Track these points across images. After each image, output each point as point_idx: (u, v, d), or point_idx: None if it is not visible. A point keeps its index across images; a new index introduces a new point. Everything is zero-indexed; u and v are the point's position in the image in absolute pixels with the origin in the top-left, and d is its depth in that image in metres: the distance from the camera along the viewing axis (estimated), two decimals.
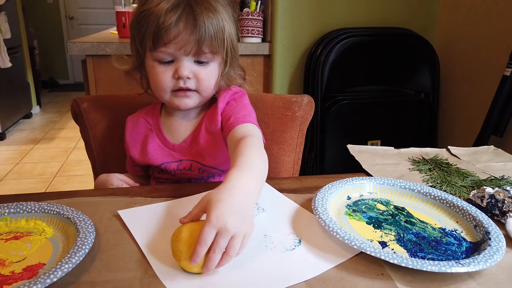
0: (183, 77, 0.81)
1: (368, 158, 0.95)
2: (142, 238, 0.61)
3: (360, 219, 0.68)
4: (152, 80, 0.85)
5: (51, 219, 0.65)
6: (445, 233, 0.65)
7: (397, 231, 0.65)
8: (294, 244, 0.61)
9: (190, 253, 0.52)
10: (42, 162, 3.34)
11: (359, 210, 0.71)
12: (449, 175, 0.85)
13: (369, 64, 1.81)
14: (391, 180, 0.79)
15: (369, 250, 0.56)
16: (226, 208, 0.54)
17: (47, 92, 5.90)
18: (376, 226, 0.67)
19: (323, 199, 0.70)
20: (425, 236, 0.64)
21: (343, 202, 0.74)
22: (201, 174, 0.91)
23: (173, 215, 0.69)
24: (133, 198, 0.75)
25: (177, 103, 0.85)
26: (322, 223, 0.63)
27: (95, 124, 1.00)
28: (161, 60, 0.81)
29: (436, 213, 0.72)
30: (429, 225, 0.67)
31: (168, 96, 0.85)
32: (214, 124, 0.88)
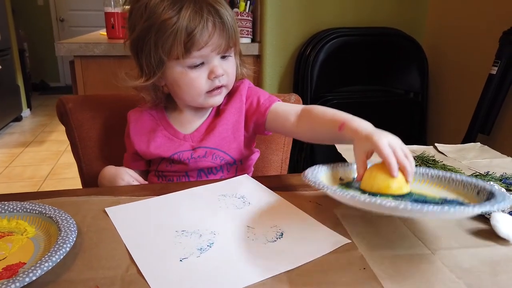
0: (220, 76, 0.82)
1: (352, 154, 0.95)
2: (128, 235, 0.61)
3: (355, 191, 0.65)
4: (184, 87, 0.84)
5: (33, 218, 0.65)
6: (447, 201, 0.64)
7: (395, 198, 0.62)
8: (276, 236, 0.61)
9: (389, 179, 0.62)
10: (32, 165, 3.31)
11: (352, 188, 0.69)
12: None
13: (358, 64, 1.82)
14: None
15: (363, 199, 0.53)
16: (379, 134, 0.66)
17: (38, 95, 5.85)
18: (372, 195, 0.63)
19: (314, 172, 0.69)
20: (425, 199, 0.63)
21: (335, 182, 0.72)
22: (214, 160, 0.90)
23: (161, 210, 0.69)
24: (118, 197, 0.74)
25: (212, 102, 0.86)
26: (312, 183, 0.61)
27: (80, 124, 0.99)
28: (193, 65, 0.81)
29: (435, 189, 0.69)
30: (429, 196, 0.65)
31: (203, 98, 0.85)
32: (237, 109, 0.90)
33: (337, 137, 0.77)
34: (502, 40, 1.50)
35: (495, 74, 1.48)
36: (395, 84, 1.88)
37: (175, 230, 0.62)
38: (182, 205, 0.71)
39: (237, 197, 0.74)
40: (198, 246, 0.58)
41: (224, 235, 0.61)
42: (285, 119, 0.87)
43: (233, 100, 0.91)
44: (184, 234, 0.61)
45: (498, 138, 1.58)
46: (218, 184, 0.80)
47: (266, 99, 0.91)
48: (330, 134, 0.79)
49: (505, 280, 0.52)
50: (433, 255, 0.57)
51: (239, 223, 0.65)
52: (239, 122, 0.91)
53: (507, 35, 1.48)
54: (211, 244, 0.59)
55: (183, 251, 0.57)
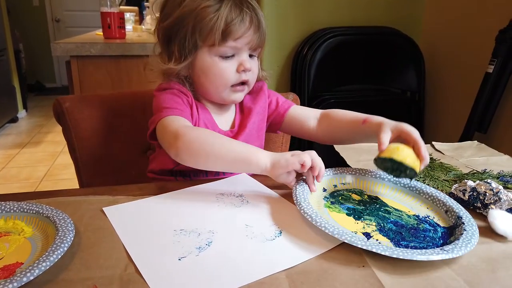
0: (248, 70, 0.84)
1: (354, 154, 0.95)
2: (126, 234, 0.61)
3: (340, 211, 0.69)
4: (212, 77, 0.85)
5: (30, 218, 0.64)
6: (420, 219, 0.68)
7: (377, 221, 0.67)
8: (274, 234, 0.61)
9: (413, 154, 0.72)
10: (28, 167, 3.29)
11: (336, 201, 0.73)
12: (432, 170, 0.85)
13: (355, 63, 1.82)
14: (363, 171, 0.80)
15: (360, 243, 0.56)
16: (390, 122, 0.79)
17: (34, 96, 5.82)
18: (357, 217, 0.68)
19: (304, 192, 0.70)
20: (403, 224, 0.66)
21: (320, 194, 0.75)
22: None
23: (160, 210, 0.69)
24: (115, 197, 0.74)
25: (233, 98, 0.88)
26: (309, 218, 0.62)
27: (78, 124, 0.99)
28: (224, 54, 0.83)
29: (408, 201, 0.74)
30: (404, 213, 0.70)
31: (227, 91, 0.86)
32: (263, 108, 0.94)
33: (360, 132, 0.86)
34: (498, 39, 1.51)
35: (491, 73, 1.49)
36: (392, 83, 1.88)
37: (173, 229, 0.62)
38: (180, 205, 0.71)
39: (235, 196, 0.73)
40: (196, 245, 0.58)
41: (222, 233, 0.61)
42: (303, 123, 0.94)
43: (259, 100, 0.95)
44: (183, 233, 0.61)
45: (495, 136, 1.59)
46: (216, 183, 0.80)
47: (284, 101, 0.97)
48: (352, 131, 0.88)
49: (504, 277, 0.53)
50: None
51: (237, 222, 0.65)
52: (263, 121, 0.95)
53: (503, 33, 1.49)
54: (209, 243, 0.59)
55: (181, 250, 0.57)
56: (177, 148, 0.74)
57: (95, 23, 5.60)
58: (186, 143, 0.73)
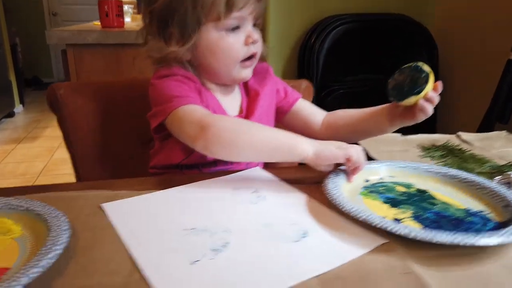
0: (257, 41, 0.79)
1: (374, 145, 0.88)
2: (128, 234, 0.53)
3: (376, 199, 0.63)
4: (220, 54, 0.78)
5: (19, 216, 0.56)
6: (470, 213, 0.59)
7: (415, 210, 0.59)
8: (298, 235, 0.53)
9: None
10: (25, 162, 3.22)
11: (376, 191, 0.66)
12: (465, 161, 0.78)
13: (364, 52, 1.74)
14: (414, 164, 0.72)
15: (374, 222, 0.51)
16: None
17: (31, 90, 5.73)
18: (393, 205, 0.61)
19: (337, 177, 0.65)
20: (446, 215, 0.58)
21: (359, 184, 0.68)
22: None
23: (166, 206, 0.61)
24: (116, 191, 0.66)
25: (243, 75, 0.82)
26: (329, 196, 0.59)
27: (73, 112, 0.91)
28: (229, 27, 0.76)
29: (463, 196, 0.65)
30: (453, 206, 0.61)
31: (237, 68, 0.80)
32: (270, 91, 0.89)
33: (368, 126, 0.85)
34: None
35: None
36: None
37: (182, 228, 0.54)
38: (189, 200, 0.63)
39: (250, 192, 0.66)
40: (211, 247, 0.50)
41: (239, 233, 0.53)
42: (308, 118, 0.90)
43: (266, 83, 0.88)
44: (194, 232, 0.53)
45: None
46: (228, 177, 0.72)
47: (292, 91, 0.92)
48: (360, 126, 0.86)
49: None
50: (484, 253, 0.50)
51: (254, 220, 0.57)
52: (271, 105, 0.89)
53: None
54: (226, 244, 0.51)
55: (193, 252, 0.49)
56: (206, 140, 0.67)
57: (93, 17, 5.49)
58: (216, 134, 0.67)
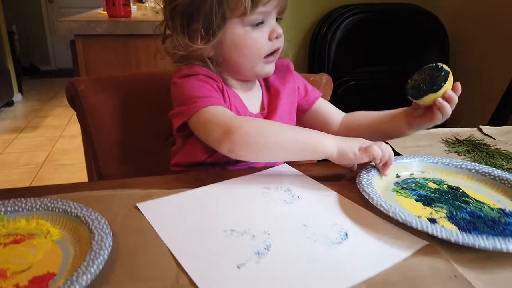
0: (281, 35, 0.78)
1: (398, 140, 0.87)
2: (169, 236, 0.53)
3: (409, 196, 0.63)
4: (244, 50, 0.77)
5: (56, 217, 0.56)
6: (505, 213, 0.59)
7: (449, 209, 0.60)
8: (340, 236, 0.53)
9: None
10: (27, 152, 3.19)
11: (408, 187, 0.66)
12: (492, 157, 0.78)
13: (376, 43, 1.73)
14: (445, 159, 0.72)
15: (414, 223, 0.51)
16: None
17: (29, 79, 5.67)
18: (426, 203, 0.61)
19: (369, 175, 0.66)
20: (481, 215, 0.58)
21: (391, 179, 0.69)
22: None
23: (202, 206, 0.61)
24: (147, 190, 0.66)
25: (267, 70, 0.81)
26: (366, 195, 0.59)
27: (94, 108, 0.90)
28: (254, 22, 0.75)
29: (496, 194, 0.65)
30: (487, 205, 0.61)
31: (261, 63, 0.79)
32: (292, 89, 0.88)
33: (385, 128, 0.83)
34: None
35: None
36: (414, 64, 1.79)
37: (223, 229, 0.54)
38: (223, 200, 0.63)
39: (283, 190, 0.65)
40: (254, 249, 0.50)
41: (280, 235, 0.53)
42: (328, 118, 0.90)
43: (287, 80, 0.88)
44: (235, 234, 0.53)
45: None
46: (257, 174, 0.71)
47: (313, 89, 0.92)
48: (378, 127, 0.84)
49: None
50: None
51: (293, 221, 0.57)
52: (293, 103, 0.89)
53: None
54: (268, 246, 0.51)
55: (238, 255, 0.49)
56: (232, 143, 0.67)
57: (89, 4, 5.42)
58: (242, 137, 0.67)
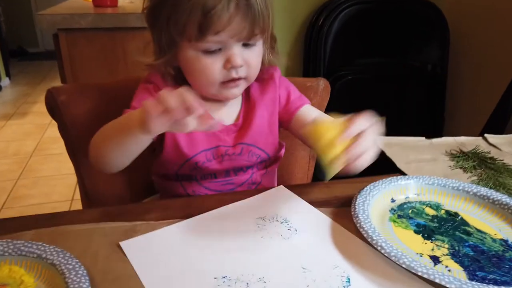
0: (238, 66, 0.68)
1: (401, 153, 0.83)
2: (155, 285, 0.48)
3: (407, 227, 0.60)
4: (196, 73, 0.71)
5: (31, 264, 0.51)
6: (508, 246, 0.57)
7: (451, 243, 0.57)
8: (342, 283, 0.49)
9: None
10: (16, 141, 3.12)
11: (405, 215, 0.63)
12: (500, 175, 0.73)
13: (374, 35, 1.66)
14: (442, 180, 0.69)
15: (420, 270, 0.48)
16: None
17: (16, 61, 5.52)
18: (426, 236, 0.58)
19: (364, 204, 0.61)
20: (484, 250, 0.55)
21: (386, 205, 0.65)
22: (250, 159, 0.79)
23: (191, 245, 0.56)
24: (132, 223, 0.61)
25: (226, 95, 0.74)
26: (364, 233, 0.55)
27: (76, 120, 0.83)
28: (208, 50, 0.67)
29: (496, 221, 0.62)
30: (488, 236, 0.59)
31: (216, 89, 0.72)
32: (272, 100, 0.80)
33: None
34: None
35: None
36: (413, 56, 1.73)
37: (213, 276, 0.50)
38: (214, 236, 0.58)
39: (279, 221, 0.61)
40: None
41: (276, 282, 0.49)
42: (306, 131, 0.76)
43: (268, 90, 0.80)
44: (227, 283, 0.49)
45: None
46: (251, 200, 0.67)
47: (297, 97, 0.82)
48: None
49: None
50: None
51: (290, 264, 0.52)
52: (274, 114, 0.81)
53: None
54: None
55: None
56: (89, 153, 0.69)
57: None
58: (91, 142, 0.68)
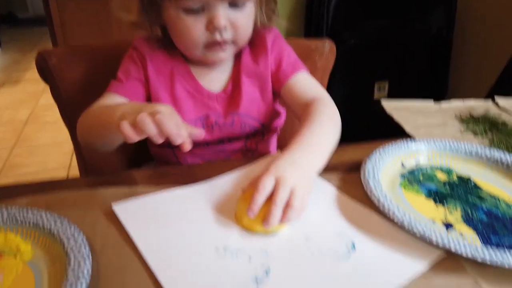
0: (220, 28, 0.63)
1: (409, 117, 0.80)
2: (155, 256, 0.46)
3: (418, 192, 0.58)
4: (178, 34, 0.67)
5: (28, 231, 0.49)
6: None
7: (464, 208, 0.55)
8: (347, 249, 0.47)
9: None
10: (9, 109, 3.07)
11: (415, 180, 0.60)
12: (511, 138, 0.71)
13: None
14: (453, 144, 0.66)
15: (435, 238, 0.46)
16: (286, 160, 0.53)
17: (7, 28, 5.36)
18: (438, 200, 0.56)
19: (374, 169, 0.59)
20: (499, 215, 0.53)
21: (397, 170, 0.62)
22: (243, 129, 0.75)
23: (190, 210, 0.54)
24: (131, 187, 0.58)
25: (212, 58, 0.69)
26: (376, 200, 0.53)
27: (69, 84, 0.80)
28: (189, 9, 0.62)
29: (509, 184, 0.60)
30: (502, 201, 0.56)
31: (200, 51, 0.67)
32: (263, 66, 0.73)
33: None
34: None
35: None
36: (418, 19, 1.67)
37: (214, 245, 0.47)
38: (214, 203, 0.55)
39: None
40: (251, 275, 0.43)
41: (279, 254, 0.46)
42: (296, 101, 0.72)
43: (261, 55, 0.74)
44: (228, 253, 0.46)
45: None
46: (252, 169, 0.63)
47: (289, 63, 0.74)
48: None
49: None
50: None
51: (293, 233, 0.50)
52: (266, 81, 0.75)
53: None
54: (267, 270, 0.44)
55: (234, 283, 0.42)
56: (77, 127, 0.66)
57: None
58: (80, 119, 0.65)
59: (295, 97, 0.72)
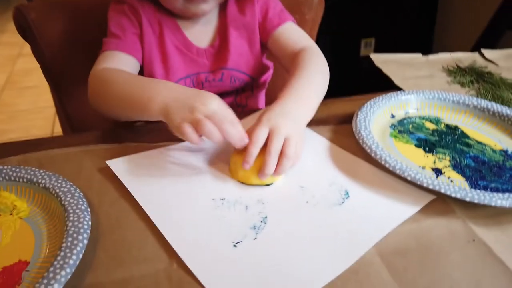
0: None
1: (396, 70, 0.80)
2: (153, 208, 0.46)
3: (408, 142, 0.59)
4: None
5: (23, 188, 0.48)
6: (508, 155, 0.57)
7: (452, 155, 0.56)
8: (341, 196, 0.49)
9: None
10: None
11: (405, 130, 0.62)
12: (496, 88, 0.72)
13: None
14: (441, 94, 0.67)
15: (426, 182, 0.48)
16: (278, 111, 0.53)
17: None
18: (427, 149, 0.58)
19: (365, 120, 0.60)
20: (485, 160, 0.56)
21: (386, 121, 0.64)
22: (233, 84, 0.74)
23: (185, 164, 0.54)
24: (123, 144, 0.58)
25: (194, 11, 0.66)
26: (367, 149, 0.54)
27: (51, 41, 0.76)
28: None
29: (495, 132, 0.62)
30: (488, 147, 0.59)
31: (181, 3, 0.65)
32: (250, 17, 0.71)
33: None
34: None
35: None
36: None
37: (211, 197, 0.48)
38: (208, 159, 0.55)
39: None
40: (249, 223, 0.44)
41: (275, 203, 0.48)
42: (284, 52, 0.71)
43: (247, 4, 0.72)
44: (225, 204, 0.47)
45: None
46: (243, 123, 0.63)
47: (276, 13, 0.73)
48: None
49: None
50: None
51: (288, 184, 0.51)
52: (254, 32, 0.73)
53: None
54: (264, 218, 0.45)
55: (233, 231, 0.43)
56: (89, 93, 0.62)
57: None
58: (94, 86, 0.61)
59: (283, 48, 0.71)
